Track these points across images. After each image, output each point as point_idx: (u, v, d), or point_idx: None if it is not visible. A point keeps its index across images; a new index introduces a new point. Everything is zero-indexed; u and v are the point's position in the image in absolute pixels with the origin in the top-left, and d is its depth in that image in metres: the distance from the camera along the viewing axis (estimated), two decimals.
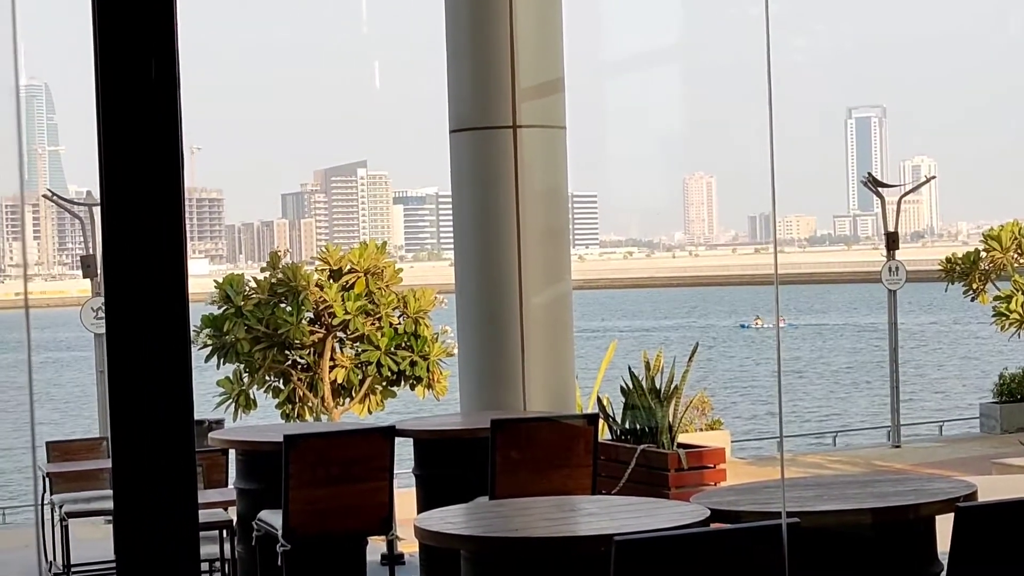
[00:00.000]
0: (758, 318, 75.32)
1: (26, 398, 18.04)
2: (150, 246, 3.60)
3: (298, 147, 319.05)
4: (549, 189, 9.45)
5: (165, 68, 3.61)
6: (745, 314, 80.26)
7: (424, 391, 15.15)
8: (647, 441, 9.76)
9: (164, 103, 3.61)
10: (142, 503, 3.64)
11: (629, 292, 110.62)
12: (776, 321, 8.01)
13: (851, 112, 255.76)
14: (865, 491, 5.90)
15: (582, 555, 5.00)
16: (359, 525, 7.43)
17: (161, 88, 3.61)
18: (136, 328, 3.61)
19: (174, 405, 3.63)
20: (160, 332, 3.61)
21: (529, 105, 9.28)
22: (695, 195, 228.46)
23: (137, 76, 3.59)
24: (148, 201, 3.60)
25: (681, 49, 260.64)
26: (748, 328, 70.87)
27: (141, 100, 3.59)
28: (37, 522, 11.45)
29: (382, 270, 15.05)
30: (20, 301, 74.38)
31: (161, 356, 3.62)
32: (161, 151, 3.61)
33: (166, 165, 3.61)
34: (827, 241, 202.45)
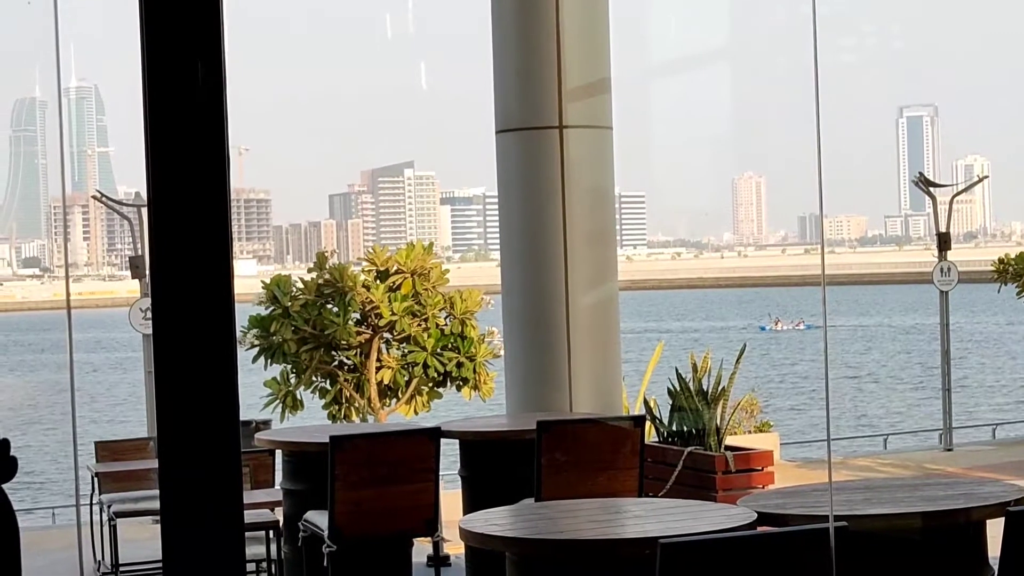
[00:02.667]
0: (777, 320, 75.05)
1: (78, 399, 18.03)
2: (196, 247, 3.60)
3: (345, 148, 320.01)
4: (596, 189, 9.43)
5: (212, 70, 3.61)
6: (793, 315, 79.95)
7: (470, 392, 15.13)
8: (694, 443, 9.73)
9: (210, 105, 3.62)
10: (188, 503, 3.64)
11: (677, 293, 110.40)
12: (824, 322, 7.95)
13: (902, 111, 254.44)
14: (915, 494, 5.85)
15: (627, 557, 4.98)
16: (405, 526, 7.43)
17: (208, 90, 3.61)
18: (182, 329, 3.61)
19: (220, 406, 3.64)
20: (206, 333, 3.62)
21: (575, 105, 9.26)
22: (744, 195, 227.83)
23: (184, 78, 3.59)
24: (194, 202, 3.60)
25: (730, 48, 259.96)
26: (766, 330, 70.47)
27: (188, 102, 3.60)
28: (77, 521, 11.51)
29: (429, 271, 15.04)
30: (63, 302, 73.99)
31: (207, 357, 3.62)
32: (208, 152, 3.61)
33: (212, 166, 3.61)
34: (878, 241, 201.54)
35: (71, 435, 4.15)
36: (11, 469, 2.62)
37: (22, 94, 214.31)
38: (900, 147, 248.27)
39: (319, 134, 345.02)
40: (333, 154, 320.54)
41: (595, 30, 9.44)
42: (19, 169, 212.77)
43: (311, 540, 7.49)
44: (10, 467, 2.62)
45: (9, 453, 2.61)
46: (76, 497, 9.84)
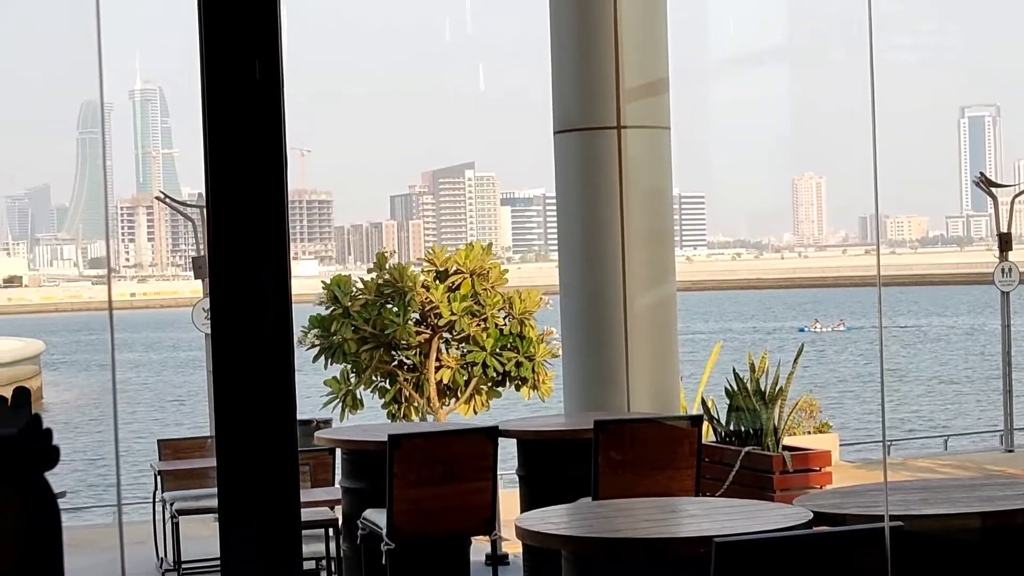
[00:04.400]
0: (816, 321, 74.60)
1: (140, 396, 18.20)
2: (254, 246, 3.63)
3: (406, 150, 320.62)
4: (653, 190, 9.43)
5: (269, 69, 3.64)
6: (854, 315, 79.48)
7: (529, 392, 15.16)
8: (752, 443, 9.71)
9: (268, 104, 3.65)
10: (245, 501, 3.68)
11: (737, 293, 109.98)
12: (879, 323, 7.88)
13: (964, 111, 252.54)
14: (972, 495, 5.83)
15: (682, 556, 4.99)
16: (463, 525, 7.46)
17: (265, 89, 3.64)
18: (240, 328, 3.65)
19: (277, 404, 3.67)
20: (264, 332, 3.65)
21: (634, 105, 9.27)
22: (804, 196, 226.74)
23: (242, 77, 3.63)
24: (251, 200, 3.64)
25: (788, 47, 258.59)
26: (806, 331, 69.98)
27: (246, 101, 3.63)
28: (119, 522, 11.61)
29: (487, 271, 15.07)
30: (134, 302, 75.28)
31: (264, 356, 3.65)
32: (265, 151, 3.64)
33: (270, 165, 3.65)
34: (939, 242, 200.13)
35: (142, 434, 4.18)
36: (52, 457, 2.64)
37: (88, 97, 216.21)
38: (961, 147, 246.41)
39: (380, 136, 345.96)
40: (394, 156, 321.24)
41: (653, 30, 9.44)
42: (85, 171, 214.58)
43: (370, 538, 7.52)
44: (51, 455, 2.64)
45: (51, 441, 2.63)
46: (118, 497, 9.94)
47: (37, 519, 2.64)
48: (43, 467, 2.62)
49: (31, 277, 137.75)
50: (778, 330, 72.71)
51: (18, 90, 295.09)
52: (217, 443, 3.73)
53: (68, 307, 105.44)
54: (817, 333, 68.81)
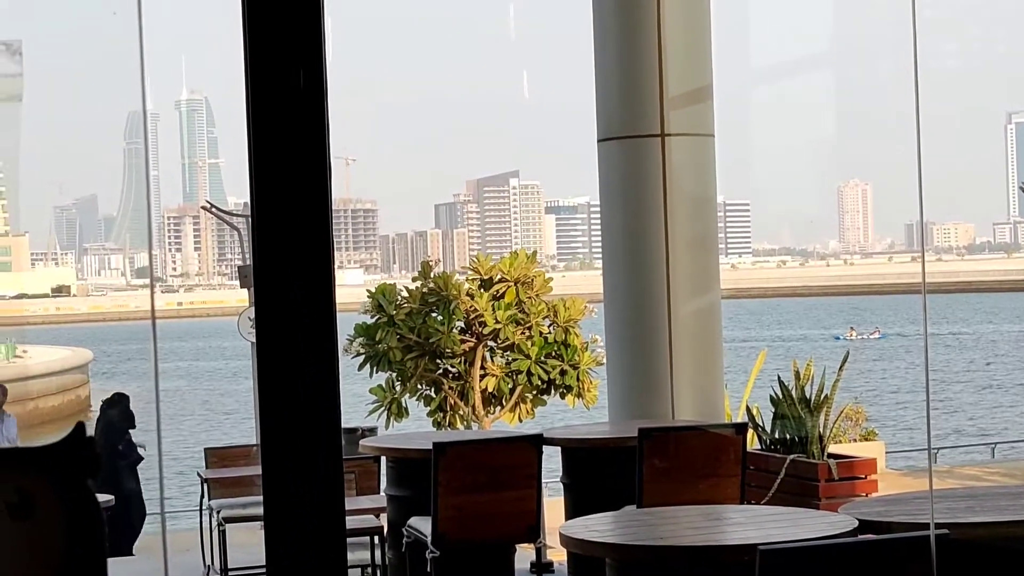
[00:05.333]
0: (852, 329, 74.28)
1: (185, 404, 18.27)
2: (298, 254, 3.65)
3: (450, 158, 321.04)
4: (697, 197, 9.42)
5: (313, 77, 3.67)
6: (899, 323, 79.14)
7: (574, 400, 15.15)
8: (797, 451, 9.68)
9: (312, 112, 3.67)
10: (291, 508, 3.70)
11: (783, 301, 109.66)
12: (924, 330, 7.91)
13: (1011, 117, 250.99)
14: (1018, 503, 5.80)
15: (727, 564, 4.98)
16: (507, 532, 7.46)
17: (309, 97, 3.67)
18: (285, 337, 3.67)
19: (322, 413, 3.69)
20: (308, 340, 3.67)
21: (677, 113, 9.26)
22: (850, 203, 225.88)
23: (285, 85, 3.65)
24: (296, 209, 3.66)
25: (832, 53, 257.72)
26: (841, 340, 69.65)
27: (289, 109, 3.65)
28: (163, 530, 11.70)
29: (532, 279, 15.07)
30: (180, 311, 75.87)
31: (309, 364, 3.67)
32: (309, 160, 3.66)
33: (314, 173, 3.67)
34: (986, 249, 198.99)
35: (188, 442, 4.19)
36: (95, 465, 2.66)
37: (135, 107, 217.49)
38: (1008, 153, 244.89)
39: (425, 144, 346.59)
40: (439, 164, 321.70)
41: (697, 37, 9.43)
42: (132, 181, 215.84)
43: (415, 546, 7.54)
44: (94, 463, 2.66)
45: (95, 449, 2.65)
46: (161, 504, 10.02)
47: (80, 526, 2.67)
48: (87, 474, 2.64)
49: (79, 287, 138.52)
50: (823, 337, 72.46)
51: (66, 100, 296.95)
52: (263, 451, 3.75)
53: (115, 316, 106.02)
54: (852, 341, 68.48)
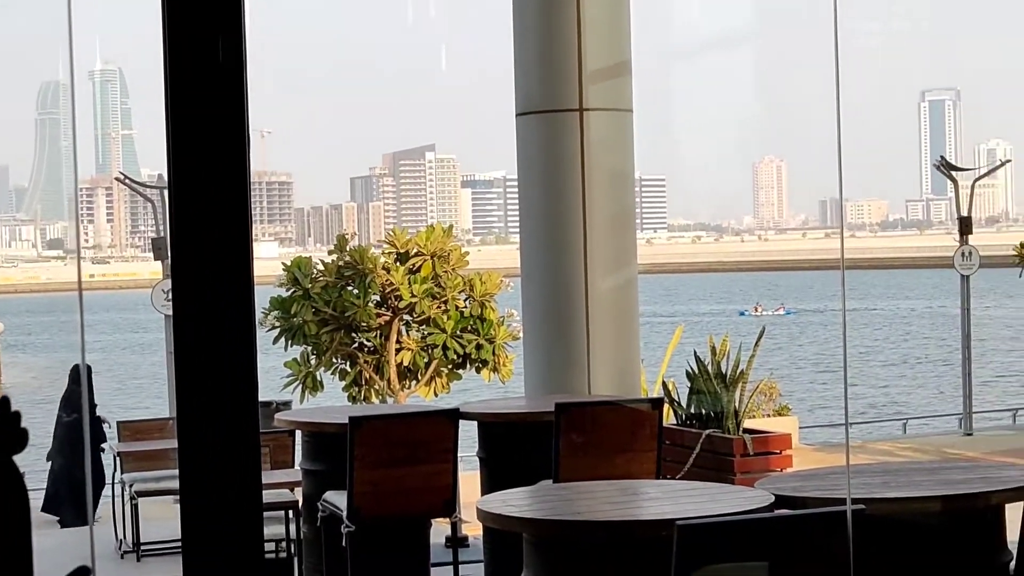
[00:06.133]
0: (757, 306, 74.85)
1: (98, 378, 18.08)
2: (217, 227, 3.61)
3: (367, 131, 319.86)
4: (616, 172, 9.43)
5: (232, 49, 3.62)
6: (812, 299, 79.82)
7: (490, 374, 15.17)
8: (713, 426, 9.73)
9: (231, 84, 3.62)
10: (207, 483, 3.66)
11: (698, 277, 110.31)
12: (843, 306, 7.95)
13: (924, 95, 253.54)
14: (933, 478, 5.85)
15: (644, 539, 4.99)
16: (423, 507, 7.45)
17: (228, 69, 3.62)
18: (202, 309, 3.63)
19: (239, 386, 3.65)
20: (226, 314, 3.63)
21: (596, 88, 9.25)
22: (765, 179, 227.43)
23: (204, 57, 3.60)
24: (215, 182, 3.61)
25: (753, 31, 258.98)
26: (746, 315, 70.16)
27: (208, 81, 3.60)
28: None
29: (448, 253, 15.07)
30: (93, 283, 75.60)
31: (226, 338, 3.64)
32: (228, 132, 3.62)
33: (233, 146, 3.62)
34: (899, 226, 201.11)
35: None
36: (21, 440, 2.62)
37: (48, 77, 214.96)
38: (922, 131, 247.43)
39: (341, 117, 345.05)
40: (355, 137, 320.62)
41: (616, 12, 9.42)
42: (44, 152, 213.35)
43: (330, 520, 7.51)
44: (20, 438, 2.62)
45: (19, 424, 2.61)
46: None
47: (5, 502, 2.62)
48: (11, 450, 2.60)
49: None
50: (737, 313, 72.91)
51: None
52: (179, 425, 3.71)
53: (27, 288, 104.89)
54: (758, 317, 68.89)
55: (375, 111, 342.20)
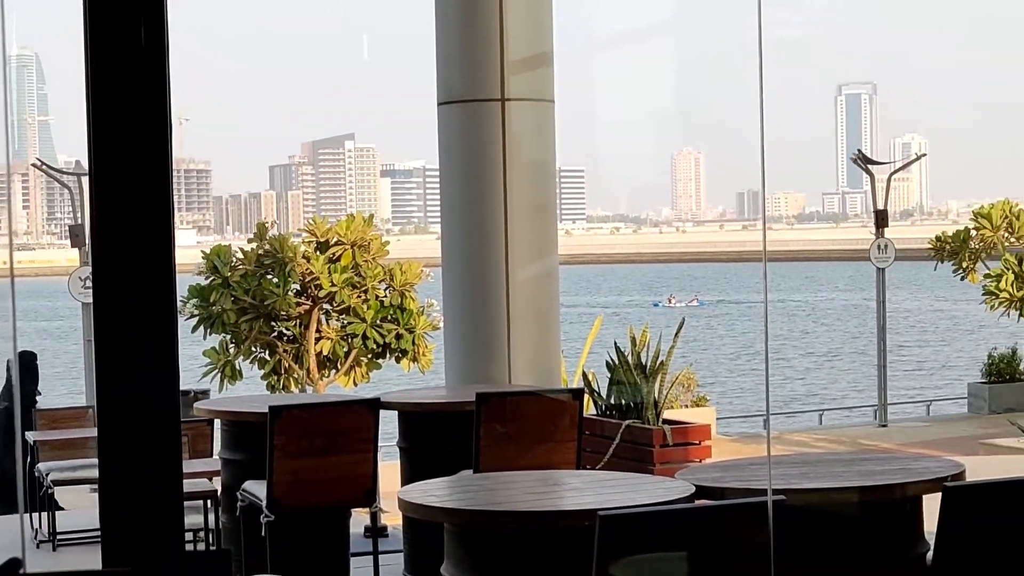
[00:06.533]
0: (671, 297, 75.25)
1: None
2: (138, 215, 3.58)
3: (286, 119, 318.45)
4: (537, 163, 9.43)
5: (154, 30, 3.58)
6: (734, 291, 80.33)
7: (409, 364, 15.16)
8: (632, 417, 9.76)
9: (153, 70, 3.58)
10: (127, 472, 3.63)
11: (616, 267, 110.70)
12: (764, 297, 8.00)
13: (841, 89, 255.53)
14: (851, 469, 5.90)
15: (566, 529, 4.99)
16: (343, 497, 7.42)
17: (150, 55, 3.58)
18: (123, 298, 3.59)
19: (160, 375, 3.62)
20: (147, 302, 3.59)
21: (518, 78, 9.25)
22: (683, 171, 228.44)
23: (126, 42, 3.56)
24: (136, 169, 3.58)
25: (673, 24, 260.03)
26: (660, 307, 70.51)
27: (130, 67, 3.56)
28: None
29: (369, 243, 15.05)
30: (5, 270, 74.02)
31: (147, 326, 3.60)
32: (150, 119, 3.58)
33: (155, 133, 3.59)
34: (815, 218, 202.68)
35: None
36: None
37: None
38: (838, 124, 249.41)
39: (260, 105, 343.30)
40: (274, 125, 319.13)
41: (538, 3, 9.42)
42: None
43: (249, 510, 7.47)
44: None
45: None
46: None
47: None
48: None
49: None
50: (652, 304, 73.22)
51: None
52: (99, 413, 3.68)
53: None
54: (671, 308, 69.17)
55: (295, 100, 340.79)
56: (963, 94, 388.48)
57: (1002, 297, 20.96)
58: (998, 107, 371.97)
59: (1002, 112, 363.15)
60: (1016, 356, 23.78)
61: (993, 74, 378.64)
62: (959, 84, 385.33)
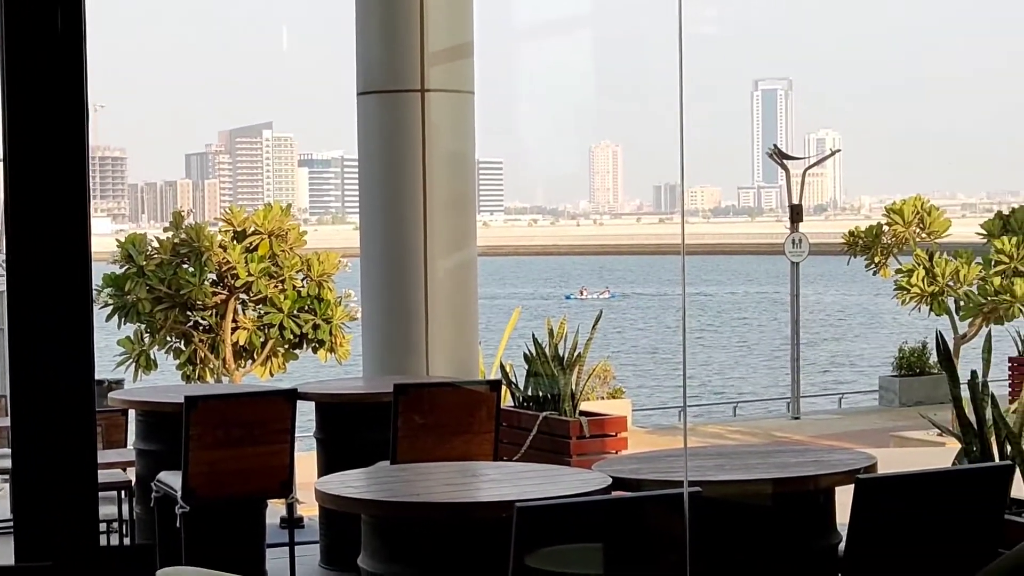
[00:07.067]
0: (583, 289, 75.51)
1: None
2: (53, 202, 3.55)
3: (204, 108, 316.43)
4: (456, 154, 9.42)
5: (71, 21, 3.55)
6: (648, 284, 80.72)
7: (326, 354, 15.11)
8: (549, 408, 9.79)
9: (70, 57, 3.56)
10: (40, 462, 3.60)
11: (534, 259, 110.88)
12: (683, 290, 8.01)
13: (757, 84, 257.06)
14: (766, 461, 5.95)
15: (484, 520, 5.00)
16: (259, 488, 7.39)
17: (67, 41, 3.55)
18: (38, 286, 3.56)
19: (74, 364, 3.59)
20: (62, 290, 3.57)
21: (438, 69, 9.24)
22: (601, 163, 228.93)
23: (42, 30, 3.53)
24: (51, 156, 3.55)
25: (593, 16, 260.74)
26: (572, 299, 70.71)
27: (46, 51, 3.54)
28: None
29: (286, 232, 14.98)
30: None
31: (62, 314, 3.57)
32: (66, 105, 3.56)
33: (71, 120, 3.56)
34: (731, 212, 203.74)
35: None
36: None
37: None
38: (754, 120, 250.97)
39: (177, 93, 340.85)
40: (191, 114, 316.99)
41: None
42: None
43: (164, 501, 7.42)
44: None
45: None
46: None
47: None
48: None
49: None
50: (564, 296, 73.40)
51: None
52: (11, 402, 3.64)
53: None
54: (583, 300, 69.33)
55: (212, 88, 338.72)
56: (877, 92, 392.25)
57: (913, 292, 21.15)
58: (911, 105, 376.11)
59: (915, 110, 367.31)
60: (926, 350, 24.07)
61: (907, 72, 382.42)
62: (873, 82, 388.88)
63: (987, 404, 5.74)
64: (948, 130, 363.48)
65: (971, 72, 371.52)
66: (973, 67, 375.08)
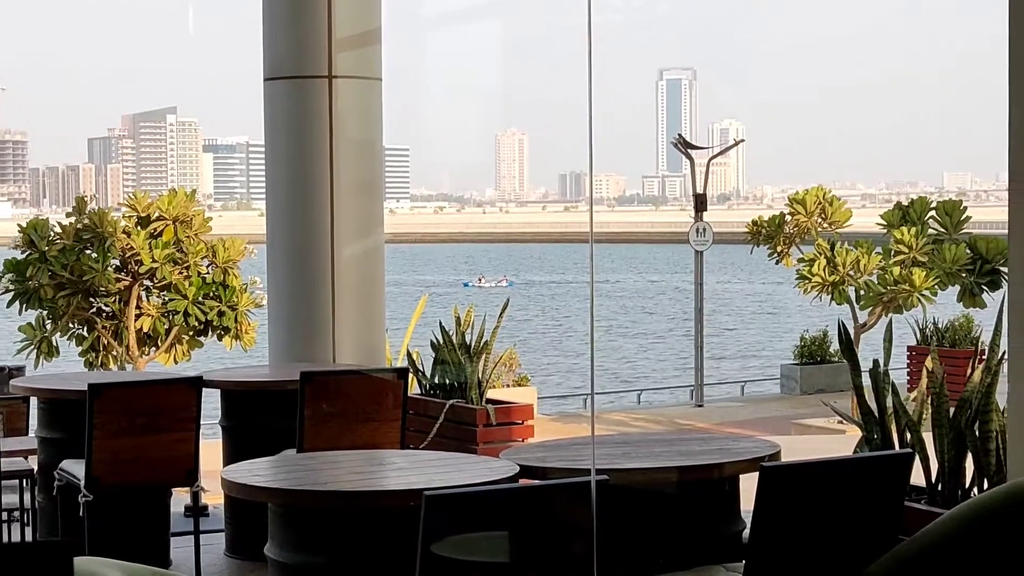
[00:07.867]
0: (481, 277, 75.66)
1: None
2: None
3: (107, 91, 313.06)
4: (363, 141, 9.41)
5: None
6: (554, 271, 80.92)
7: (232, 342, 15.02)
8: (456, 396, 9.80)
9: None
10: None
11: (440, 247, 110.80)
12: (591, 278, 8.04)
13: (662, 73, 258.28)
14: (672, 449, 6.00)
15: (391, 509, 5.01)
16: (164, 476, 7.35)
17: None
18: None
19: None
20: None
21: (345, 56, 9.21)
22: (507, 151, 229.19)
23: None
24: None
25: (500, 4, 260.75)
26: (470, 287, 70.81)
27: None
28: None
29: (191, 218, 14.86)
30: None
31: None
32: None
33: None
34: (636, 201, 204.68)
35: None
36: None
37: None
38: (659, 109, 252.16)
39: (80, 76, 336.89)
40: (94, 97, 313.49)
41: None
42: None
43: (67, 489, 7.36)
44: None
45: None
46: None
47: None
48: None
49: None
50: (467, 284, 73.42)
51: None
52: None
53: None
54: (480, 288, 69.39)
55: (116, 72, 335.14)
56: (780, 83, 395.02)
57: (814, 281, 21.31)
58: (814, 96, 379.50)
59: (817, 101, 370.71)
60: (827, 339, 24.32)
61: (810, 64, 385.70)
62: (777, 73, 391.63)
63: (888, 392, 5.82)
64: (849, 123, 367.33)
65: (874, 70, 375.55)
66: (877, 66, 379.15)
